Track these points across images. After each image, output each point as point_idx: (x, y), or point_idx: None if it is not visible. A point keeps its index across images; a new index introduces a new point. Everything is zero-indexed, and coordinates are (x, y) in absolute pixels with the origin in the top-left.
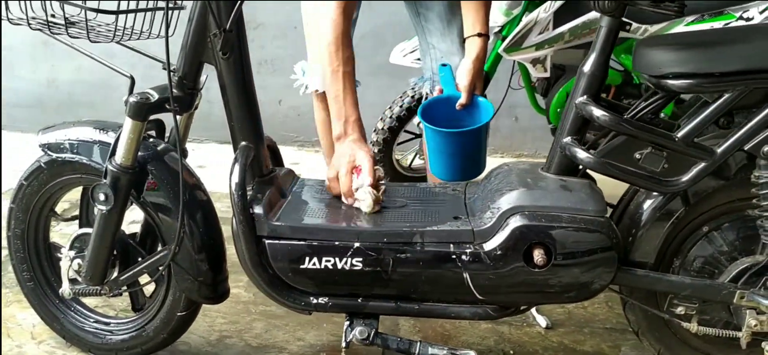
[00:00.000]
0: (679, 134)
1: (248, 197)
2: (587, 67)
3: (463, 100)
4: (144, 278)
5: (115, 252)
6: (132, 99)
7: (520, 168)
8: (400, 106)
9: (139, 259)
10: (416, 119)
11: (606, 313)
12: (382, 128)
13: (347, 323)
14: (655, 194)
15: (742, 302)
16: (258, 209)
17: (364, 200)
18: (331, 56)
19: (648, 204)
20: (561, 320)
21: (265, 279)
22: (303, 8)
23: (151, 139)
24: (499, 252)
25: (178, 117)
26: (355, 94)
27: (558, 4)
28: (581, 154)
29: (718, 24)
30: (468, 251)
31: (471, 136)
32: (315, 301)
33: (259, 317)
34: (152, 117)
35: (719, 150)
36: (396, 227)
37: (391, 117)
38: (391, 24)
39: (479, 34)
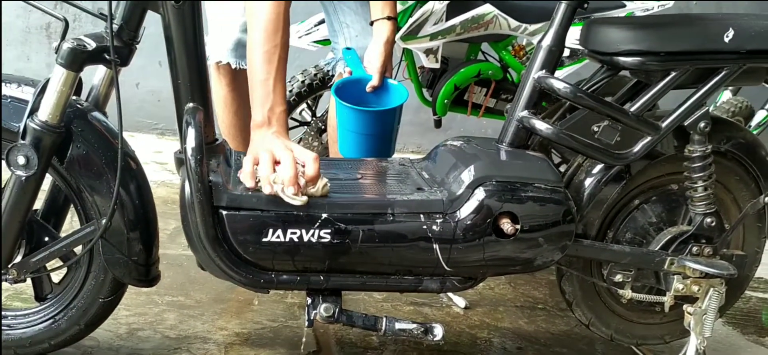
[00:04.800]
0: (632, 109)
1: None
2: (546, 42)
3: (374, 82)
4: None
5: None
6: (66, 45)
7: (474, 141)
8: (290, 92)
9: (46, 239)
10: (300, 108)
11: (513, 293)
12: None
13: (309, 300)
14: (599, 168)
15: (672, 268)
16: (215, 177)
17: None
18: (267, 36)
19: (593, 177)
20: (476, 301)
21: (221, 254)
22: None
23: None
24: (468, 222)
25: (106, 72)
26: (285, 84)
27: None
28: (541, 125)
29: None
30: (439, 221)
31: (386, 116)
32: (276, 278)
33: (167, 307)
34: None
35: (663, 125)
36: (365, 198)
37: None
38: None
39: (389, 18)
